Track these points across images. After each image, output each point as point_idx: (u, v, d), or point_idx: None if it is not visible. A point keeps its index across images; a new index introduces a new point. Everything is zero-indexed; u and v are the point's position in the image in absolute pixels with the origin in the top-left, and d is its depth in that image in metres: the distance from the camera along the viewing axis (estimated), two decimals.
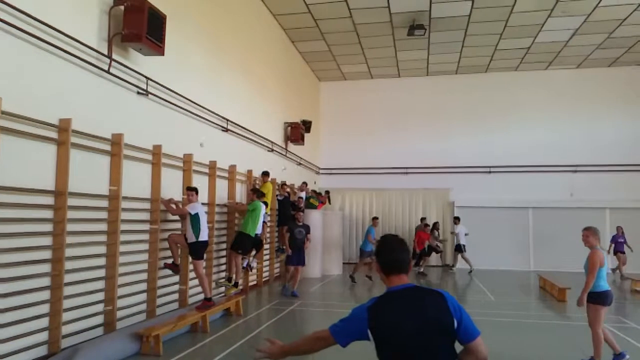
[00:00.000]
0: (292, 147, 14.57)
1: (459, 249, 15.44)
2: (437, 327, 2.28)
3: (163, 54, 6.61)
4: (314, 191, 15.29)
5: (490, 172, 17.03)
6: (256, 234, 9.56)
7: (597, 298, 5.69)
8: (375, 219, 14.07)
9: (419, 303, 2.34)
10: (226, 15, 10.01)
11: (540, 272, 13.65)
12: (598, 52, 15.23)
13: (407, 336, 2.27)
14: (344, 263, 15.60)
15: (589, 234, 5.95)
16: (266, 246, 11.49)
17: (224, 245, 9.64)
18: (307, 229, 10.65)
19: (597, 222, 14.96)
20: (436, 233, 15.66)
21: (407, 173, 17.66)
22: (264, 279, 11.80)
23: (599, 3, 11.73)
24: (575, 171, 16.45)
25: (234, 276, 9.46)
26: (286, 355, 2.62)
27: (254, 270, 11.04)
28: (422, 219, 15.92)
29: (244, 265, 9.83)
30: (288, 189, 13.14)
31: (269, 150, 12.50)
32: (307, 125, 15.17)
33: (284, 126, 14.13)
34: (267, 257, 12.13)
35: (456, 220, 16.01)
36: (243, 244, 9.23)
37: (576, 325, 7.69)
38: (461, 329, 2.30)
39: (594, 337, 5.72)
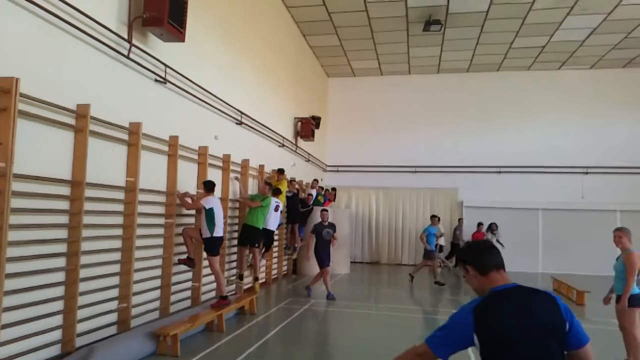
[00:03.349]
0: (300, 143, 14.28)
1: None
2: (552, 329, 2.10)
3: (184, 40, 6.31)
4: (321, 187, 15.02)
5: (500, 172, 16.78)
6: (264, 228, 9.36)
7: (632, 301, 5.48)
8: (434, 217, 13.22)
9: (532, 304, 2.15)
10: (241, 4, 9.70)
11: (550, 275, 13.45)
12: (613, 52, 14.98)
13: (521, 339, 2.07)
14: (351, 262, 15.33)
15: (622, 234, 5.70)
16: (275, 243, 11.21)
17: (235, 242, 9.36)
18: (333, 228, 10.10)
19: (608, 224, 14.86)
20: (490, 235, 14.91)
21: (415, 172, 17.40)
22: (272, 277, 11.53)
23: (621, 1, 11.48)
24: (587, 173, 16.22)
25: (244, 273, 9.23)
26: None
27: (263, 268, 10.75)
28: (460, 220, 15.57)
29: (249, 262, 9.57)
30: (297, 186, 12.86)
31: (280, 146, 12.20)
32: (316, 121, 14.88)
33: (294, 121, 13.84)
34: (276, 254, 11.85)
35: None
36: (253, 236, 9.01)
37: (599, 330, 7.45)
38: (571, 333, 2.14)
39: (629, 340, 5.50)
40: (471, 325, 2.11)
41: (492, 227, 15.13)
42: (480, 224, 15.30)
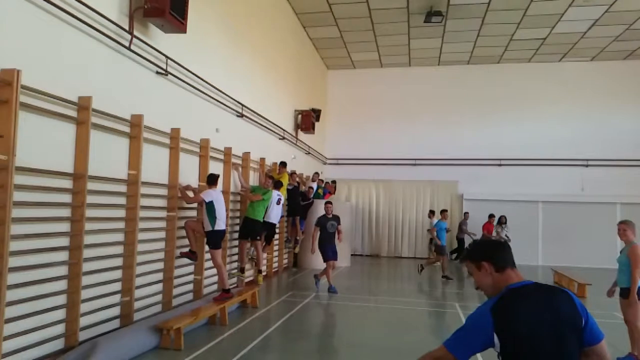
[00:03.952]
0: (301, 135, 14.22)
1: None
2: (570, 326, 2.10)
3: (185, 31, 6.24)
4: (321, 180, 14.99)
5: (500, 164, 16.76)
6: (266, 221, 9.35)
7: (637, 293, 5.47)
8: (444, 211, 13.10)
9: (550, 301, 2.14)
10: None
11: (550, 267, 13.48)
12: (614, 44, 14.91)
13: (540, 336, 2.06)
14: (351, 255, 15.33)
15: (626, 227, 5.69)
16: (276, 237, 11.18)
17: (237, 235, 9.34)
18: (337, 220, 9.95)
19: (608, 217, 14.95)
20: (499, 228, 14.72)
21: (415, 164, 17.36)
22: (273, 270, 11.52)
23: None
24: (587, 165, 16.20)
25: (245, 266, 9.23)
26: None
27: (264, 261, 10.73)
28: (465, 214, 15.92)
29: (250, 255, 9.55)
30: (297, 179, 12.82)
31: (280, 138, 12.15)
32: (317, 114, 14.80)
33: (294, 114, 13.77)
34: (277, 247, 11.84)
35: (431, 214, 14.30)
36: (254, 229, 9.00)
37: (601, 323, 7.45)
38: (587, 329, 2.13)
39: (634, 333, 5.50)
40: (491, 326, 2.07)
41: (502, 220, 15.07)
42: (491, 216, 15.12)
